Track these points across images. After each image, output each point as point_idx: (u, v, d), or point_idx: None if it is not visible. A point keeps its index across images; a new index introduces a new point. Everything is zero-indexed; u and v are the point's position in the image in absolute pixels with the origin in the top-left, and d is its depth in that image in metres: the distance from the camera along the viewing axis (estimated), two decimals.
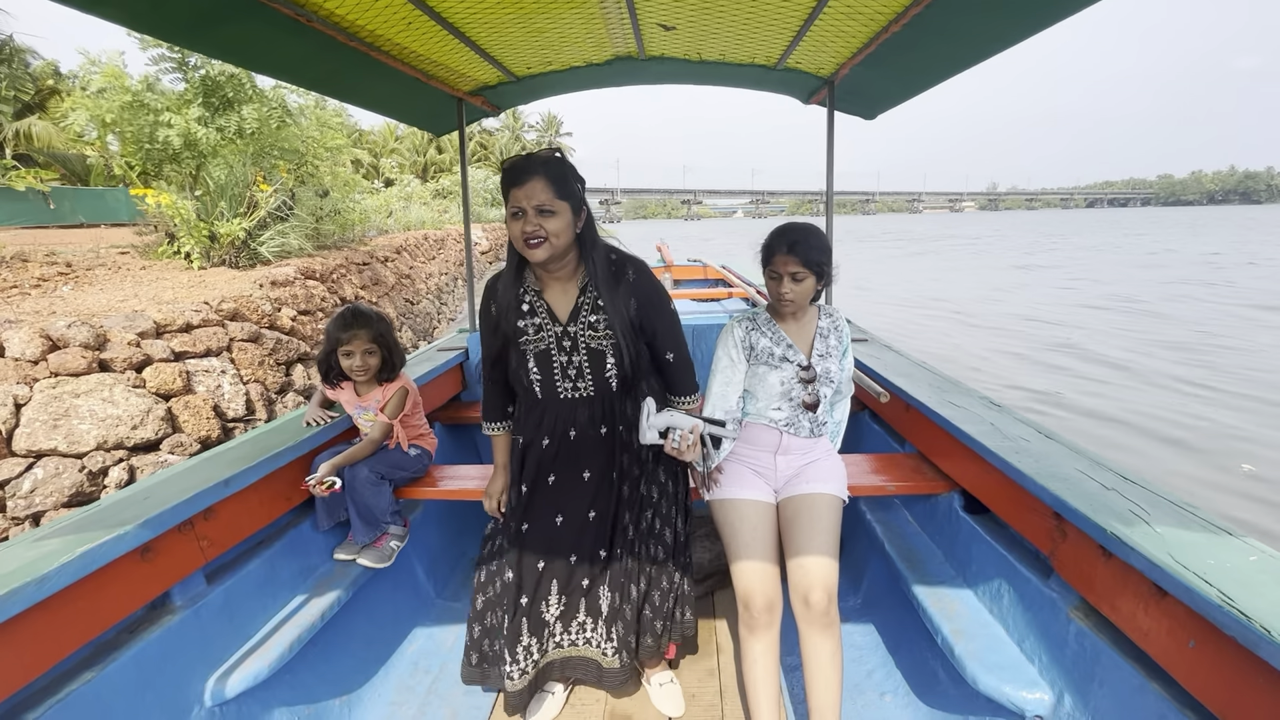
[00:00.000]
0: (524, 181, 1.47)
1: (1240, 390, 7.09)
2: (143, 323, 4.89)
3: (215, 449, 1.92)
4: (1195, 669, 1.12)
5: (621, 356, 1.62)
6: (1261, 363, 8.17)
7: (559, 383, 1.64)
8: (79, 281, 6.75)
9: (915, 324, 11.50)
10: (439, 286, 14.25)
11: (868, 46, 2.30)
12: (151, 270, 7.48)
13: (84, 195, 16.86)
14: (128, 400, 4.35)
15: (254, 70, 3.71)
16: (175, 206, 7.27)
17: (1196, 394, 7.04)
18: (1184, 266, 20.15)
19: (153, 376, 4.64)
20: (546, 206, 1.47)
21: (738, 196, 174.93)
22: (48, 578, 1.21)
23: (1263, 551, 1.15)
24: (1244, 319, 11.11)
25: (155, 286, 6.44)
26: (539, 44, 2.50)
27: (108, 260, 8.03)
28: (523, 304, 1.63)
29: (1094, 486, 1.44)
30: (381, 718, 1.88)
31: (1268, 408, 6.53)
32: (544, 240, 1.48)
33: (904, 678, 1.91)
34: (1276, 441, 5.70)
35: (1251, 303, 12.60)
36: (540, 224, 1.47)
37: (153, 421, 4.41)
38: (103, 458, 4.12)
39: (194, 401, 4.79)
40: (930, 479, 2.07)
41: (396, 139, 44.31)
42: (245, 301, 6.06)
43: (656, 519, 1.78)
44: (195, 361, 5.07)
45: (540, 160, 1.49)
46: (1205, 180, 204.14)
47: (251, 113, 7.93)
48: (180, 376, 4.78)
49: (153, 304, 5.45)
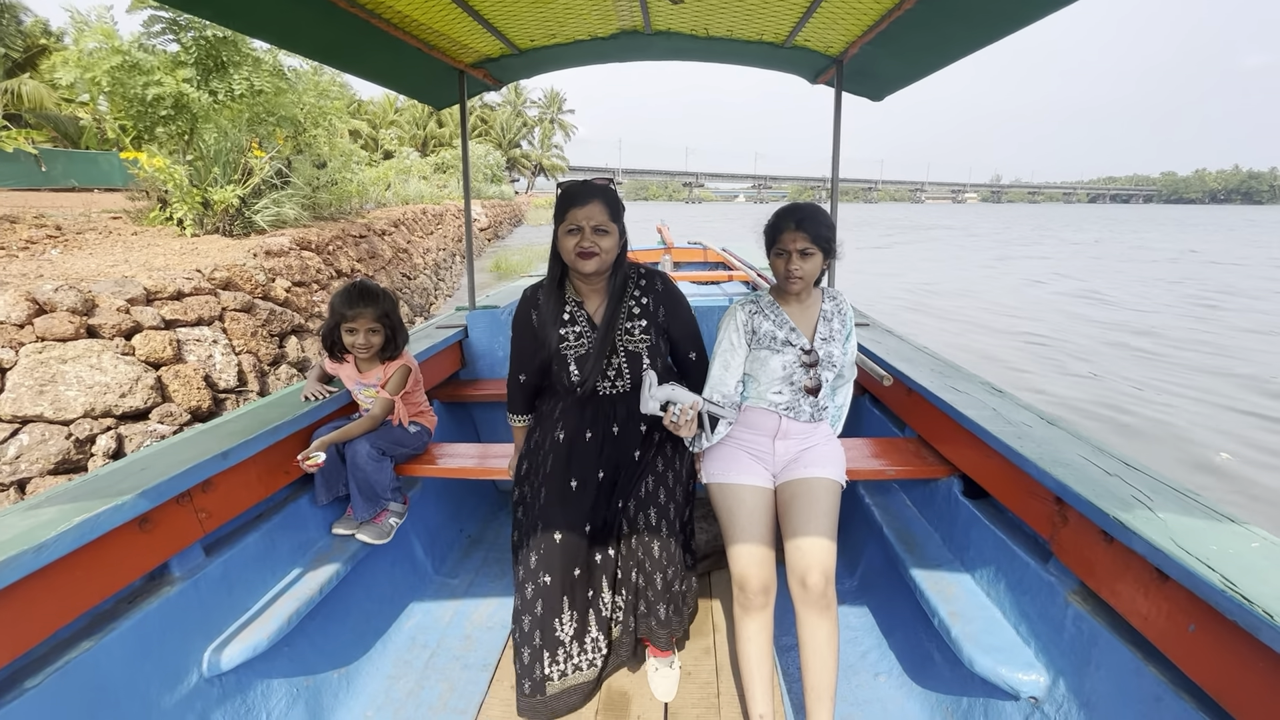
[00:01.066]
0: (585, 203, 1.67)
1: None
2: (133, 289, 4.78)
3: (214, 421, 1.91)
4: (1195, 652, 1.13)
5: (656, 357, 1.80)
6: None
7: (600, 382, 1.79)
8: (68, 245, 6.62)
9: (870, 307, 11.94)
10: (436, 262, 14.11)
11: (878, 25, 2.26)
12: (143, 236, 7.33)
13: (77, 158, 16.52)
14: (116, 367, 4.26)
15: (251, 35, 3.60)
16: (167, 171, 7.11)
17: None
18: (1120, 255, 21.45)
19: (142, 344, 4.55)
20: (602, 226, 1.68)
21: (740, 181, 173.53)
22: (45, 546, 1.20)
23: (1265, 538, 1.16)
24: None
25: (146, 252, 6.31)
26: (543, 15, 2.44)
27: (98, 224, 7.88)
28: (564, 313, 1.80)
29: (1096, 472, 1.45)
30: (379, 691, 1.88)
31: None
32: (596, 255, 1.68)
33: (899, 659, 1.93)
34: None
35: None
36: (595, 241, 1.68)
37: (142, 390, 4.33)
38: (90, 425, 4.05)
39: (184, 371, 4.71)
40: (930, 463, 2.07)
41: (397, 111, 43.65)
42: (238, 270, 5.94)
43: (670, 503, 1.80)
44: (186, 330, 4.97)
45: (600, 187, 1.71)
46: (1208, 179, 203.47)
47: (244, 76, 7.71)
48: (171, 345, 4.69)
49: (143, 270, 5.33)
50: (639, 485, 1.77)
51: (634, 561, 1.74)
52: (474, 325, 3.21)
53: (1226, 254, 24.35)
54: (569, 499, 1.74)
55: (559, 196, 1.73)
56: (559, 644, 1.70)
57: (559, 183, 1.75)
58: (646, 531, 1.73)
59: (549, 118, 66.01)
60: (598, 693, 1.83)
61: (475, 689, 1.87)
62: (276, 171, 8.60)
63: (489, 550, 2.65)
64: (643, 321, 1.79)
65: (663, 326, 1.83)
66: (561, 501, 1.74)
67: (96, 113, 7.74)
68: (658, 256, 6.81)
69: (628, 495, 1.78)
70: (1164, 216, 71.98)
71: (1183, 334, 9.83)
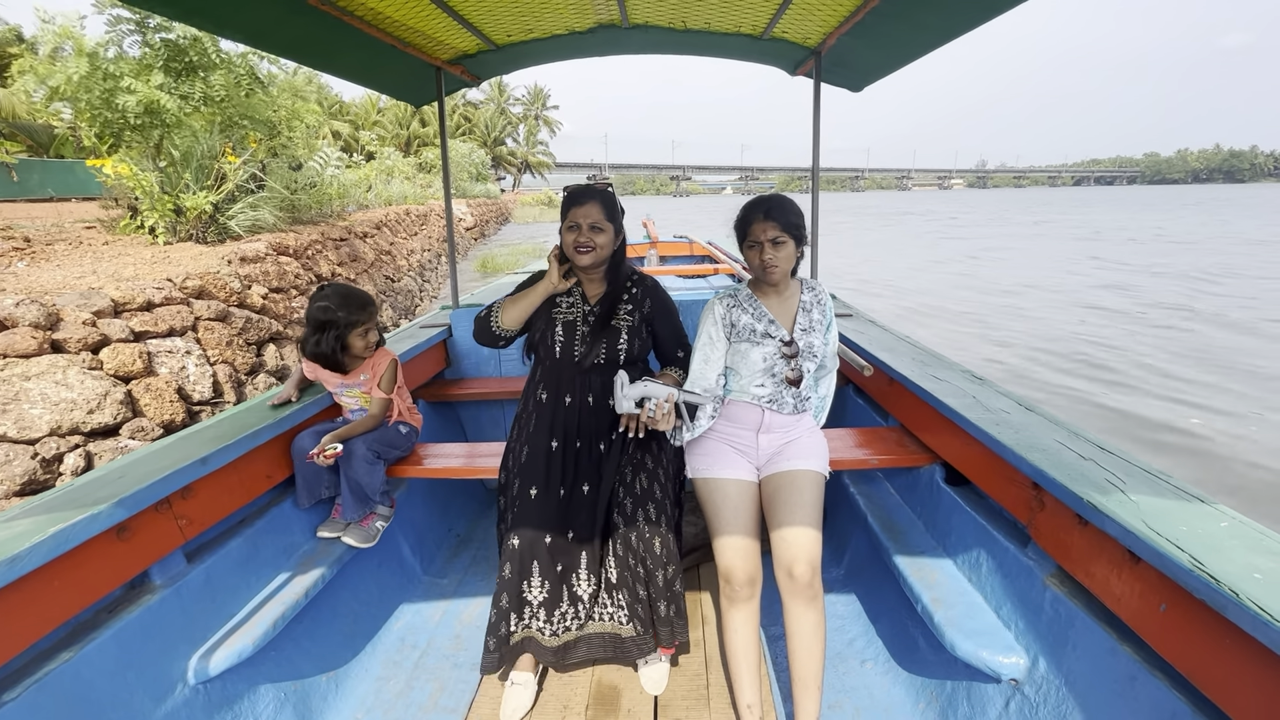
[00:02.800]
0: (583, 203, 1.82)
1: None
2: (99, 301, 4.63)
3: (193, 427, 1.89)
4: (1166, 632, 1.15)
5: (633, 337, 1.89)
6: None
7: (577, 347, 1.88)
8: (35, 257, 6.44)
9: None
10: (421, 263, 13.94)
11: (854, 15, 2.27)
12: (114, 246, 7.15)
13: (52, 168, 16.15)
14: (83, 383, 4.13)
15: (220, 34, 3.44)
16: (136, 178, 6.92)
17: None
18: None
19: (110, 357, 4.41)
20: (597, 224, 1.82)
21: (727, 173, 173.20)
22: (19, 558, 1.19)
23: (1233, 518, 1.18)
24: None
25: (116, 263, 6.15)
26: (519, 10, 2.43)
27: (70, 235, 7.68)
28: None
29: (1072, 457, 1.47)
30: (368, 693, 1.87)
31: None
32: (591, 250, 1.82)
33: (884, 645, 1.95)
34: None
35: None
36: (591, 237, 1.81)
37: (111, 405, 4.19)
38: (57, 444, 3.91)
39: (156, 384, 4.57)
40: (912, 452, 2.09)
41: (379, 111, 43.18)
42: (212, 278, 5.79)
43: (665, 499, 1.83)
44: (157, 342, 4.83)
45: (598, 190, 1.86)
46: (1190, 159, 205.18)
47: (218, 79, 7.52)
48: (140, 357, 4.56)
49: (111, 281, 5.18)
50: (634, 483, 1.79)
51: (634, 559, 1.74)
52: (458, 324, 3.18)
53: (1134, 229, 27.13)
54: (551, 459, 1.83)
55: (564, 198, 1.88)
56: (525, 604, 1.74)
57: (565, 186, 1.90)
58: (646, 528, 1.74)
59: (534, 114, 65.54)
60: (589, 686, 1.84)
61: (465, 688, 1.86)
62: (251, 176, 8.41)
63: (478, 549, 2.63)
64: (629, 305, 1.92)
65: (647, 316, 1.94)
66: (542, 462, 1.83)
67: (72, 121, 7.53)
68: (643, 251, 6.74)
69: (618, 490, 1.81)
70: (1132, 198, 75.92)
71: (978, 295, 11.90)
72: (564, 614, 1.77)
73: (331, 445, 1.90)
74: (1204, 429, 5.48)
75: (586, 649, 1.79)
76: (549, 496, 1.79)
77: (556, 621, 1.77)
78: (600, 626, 1.80)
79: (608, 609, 1.80)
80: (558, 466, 1.83)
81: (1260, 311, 9.94)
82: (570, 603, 1.78)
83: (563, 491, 1.80)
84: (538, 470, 1.82)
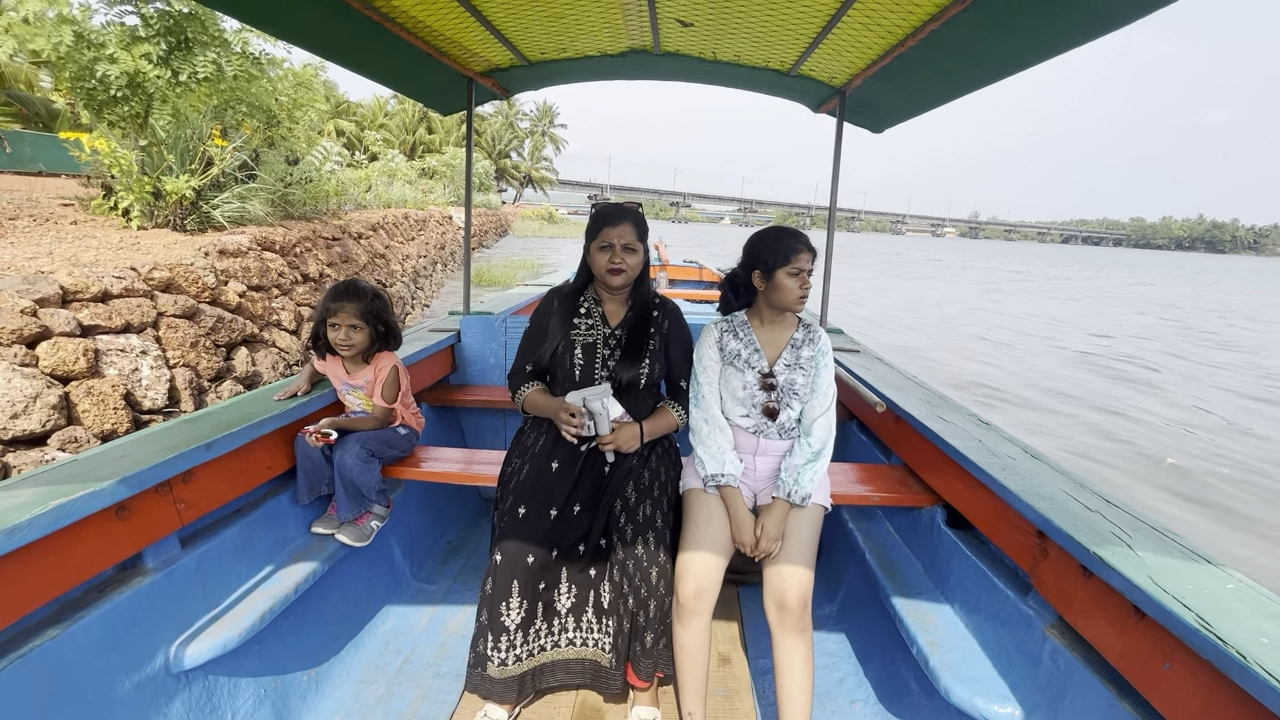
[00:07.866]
0: (617, 223, 1.84)
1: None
2: (45, 287, 4.04)
3: (199, 411, 1.87)
4: (1169, 691, 1.12)
5: (654, 361, 1.90)
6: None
7: (598, 370, 1.88)
8: None
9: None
10: (416, 269, 13.39)
11: (882, 59, 2.30)
12: (83, 226, 6.54)
13: (45, 141, 15.46)
14: (10, 381, 3.52)
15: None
16: (113, 155, 6.36)
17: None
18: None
19: (49, 353, 3.81)
20: (630, 245, 1.85)
21: (726, 203, 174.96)
22: (19, 528, 1.17)
23: (1240, 580, 1.16)
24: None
25: (78, 245, 5.55)
26: (555, 29, 2.48)
27: (40, 211, 7.06)
28: (580, 308, 1.95)
29: (1077, 507, 1.46)
30: (348, 695, 1.85)
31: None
32: (624, 271, 1.85)
33: (875, 687, 1.93)
34: None
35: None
36: (624, 258, 1.84)
37: (41, 409, 3.59)
38: None
39: (100, 387, 3.97)
40: (914, 492, 2.08)
41: (386, 115, 42.94)
42: (184, 270, 5.22)
43: (666, 529, 1.79)
44: (109, 338, 4.24)
45: (630, 210, 1.88)
46: (1174, 226, 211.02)
47: (211, 59, 7.00)
48: (85, 355, 3.96)
49: (66, 265, 4.60)
50: (636, 508, 1.76)
51: (629, 586, 1.70)
52: (467, 330, 3.18)
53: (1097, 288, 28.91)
54: (550, 479, 1.80)
55: (593, 215, 1.88)
56: (503, 630, 1.68)
57: (593, 203, 1.94)
58: (645, 556, 1.69)
59: (540, 130, 65.75)
60: (571, 711, 1.81)
61: (447, 698, 1.84)
62: (241, 164, 7.87)
63: (469, 558, 2.62)
64: (650, 329, 1.94)
65: (666, 338, 1.95)
66: (541, 481, 1.79)
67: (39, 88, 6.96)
68: (654, 273, 6.47)
69: (619, 515, 1.76)
70: (1107, 259, 78.63)
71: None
72: (539, 631, 1.73)
73: (327, 429, 1.91)
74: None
75: (565, 674, 1.76)
76: (541, 516, 1.74)
77: (532, 640, 1.72)
78: (581, 652, 1.77)
79: (593, 634, 1.77)
80: (556, 487, 1.80)
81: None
82: (545, 619, 1.74)
83: (554, 512, 1.75)
84: (535, 489, 1.78)
